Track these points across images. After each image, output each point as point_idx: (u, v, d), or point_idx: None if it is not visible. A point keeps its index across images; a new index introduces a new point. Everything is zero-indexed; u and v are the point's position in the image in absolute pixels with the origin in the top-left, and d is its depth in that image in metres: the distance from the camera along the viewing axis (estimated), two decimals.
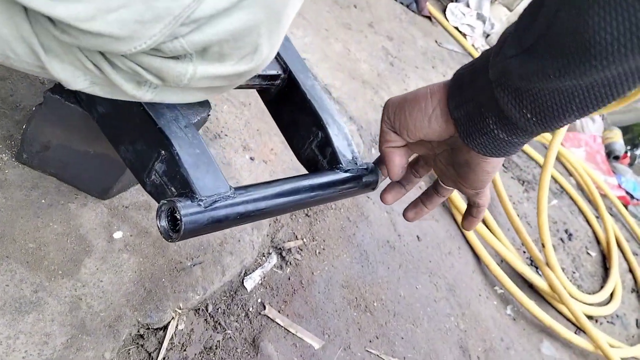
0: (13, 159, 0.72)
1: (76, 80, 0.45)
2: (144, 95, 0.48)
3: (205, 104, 0.78)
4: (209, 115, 0.77)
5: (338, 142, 0.68)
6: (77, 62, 0.43)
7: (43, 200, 0.72)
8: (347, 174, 0.65)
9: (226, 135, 1.03)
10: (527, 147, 2.29)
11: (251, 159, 1.04)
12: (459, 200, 1.49)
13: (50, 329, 0.62)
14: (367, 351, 0.98)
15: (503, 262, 1.51)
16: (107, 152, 0.70)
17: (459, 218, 1.51)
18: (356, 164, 0.68)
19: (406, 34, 2.24)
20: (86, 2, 0.36)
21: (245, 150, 1.04)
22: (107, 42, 0.39)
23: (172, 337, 0.74)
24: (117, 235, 0.75)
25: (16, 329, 0.60)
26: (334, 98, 1.44)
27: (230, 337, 0.82)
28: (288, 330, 0.89)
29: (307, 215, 1.12)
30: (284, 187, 0.58)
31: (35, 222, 0.70)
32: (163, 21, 0.39)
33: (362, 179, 0.67)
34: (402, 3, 2.51)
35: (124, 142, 0.57)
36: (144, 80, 0.46)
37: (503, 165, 2.09)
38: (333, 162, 0.68)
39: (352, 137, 1.35)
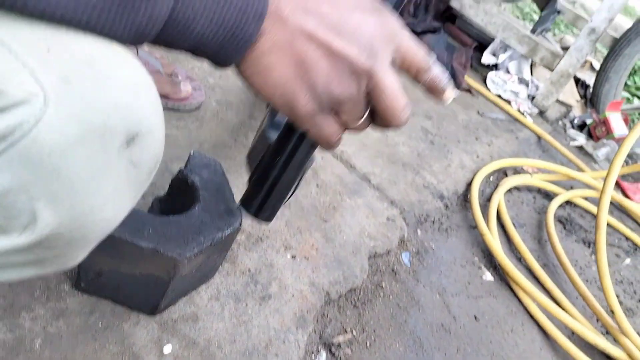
0: (73, 288, 0.81)
1: None
2: None
3: (236, 214, 0.84)
4: (240, 224, 0.84)
5: None
6: None
7: (100, 324, 0.79)
8: None
9: (267, 237, 1.09)
10: (591, 206, 2.21)
11: (292, 257, 1.08)
12: (519, 275, 1.45)
13: None
14: None
15: (574, 335, 1.43)
16: (151, 272, 0.77)
17: (520, 293, 1.46)
18: None
19: (445, 110, 2.29)
20: None
21: (287, 250, 1.10)
22: None
23: None
24: (167, 349, 0.81)
25: None
26: (374, 185, 1.49)
27: None
28: None
29: (355, 306, 1.14)
30: None
31: (94, 345, 0.76)
32: None
33: None
34: None
35: None
36: None
37: (565, 228, 2.02)
38: None
39: (394, 222, 1.38)
